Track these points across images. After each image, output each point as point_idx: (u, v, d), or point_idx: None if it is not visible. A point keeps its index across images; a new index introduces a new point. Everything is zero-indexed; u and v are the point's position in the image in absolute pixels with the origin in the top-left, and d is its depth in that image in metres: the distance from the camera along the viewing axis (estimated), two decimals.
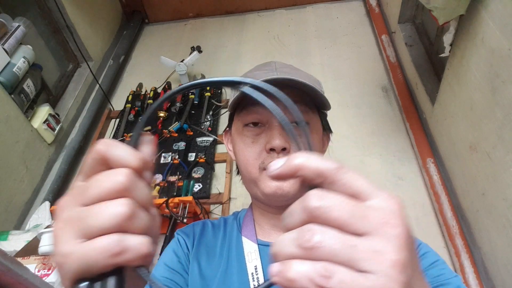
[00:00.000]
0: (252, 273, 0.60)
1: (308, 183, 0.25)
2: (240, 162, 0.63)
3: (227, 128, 0.71)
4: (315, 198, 0.23)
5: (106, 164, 0.27)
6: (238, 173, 0.73)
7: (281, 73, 0.60)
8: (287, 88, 0.61)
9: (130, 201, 0.26)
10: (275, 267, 0.23)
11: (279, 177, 0.26)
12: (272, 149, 0.58)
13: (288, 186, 0.57)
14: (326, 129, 0.70)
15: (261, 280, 0.59)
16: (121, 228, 0.25)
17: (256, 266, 0.60)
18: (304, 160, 0.25)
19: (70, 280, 0.26)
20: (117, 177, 0.26)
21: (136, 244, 0.25)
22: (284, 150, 0.58)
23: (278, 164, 0.26)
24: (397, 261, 0.22)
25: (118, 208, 0.25)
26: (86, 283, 0.26)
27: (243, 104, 0.62)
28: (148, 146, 0.29)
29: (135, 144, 0.29)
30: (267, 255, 0.62)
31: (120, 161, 0.27)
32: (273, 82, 0.57)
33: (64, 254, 0.25)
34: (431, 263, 0.55)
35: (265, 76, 0.58)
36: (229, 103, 0.64)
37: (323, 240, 0.22)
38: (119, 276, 0.27)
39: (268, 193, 0.58)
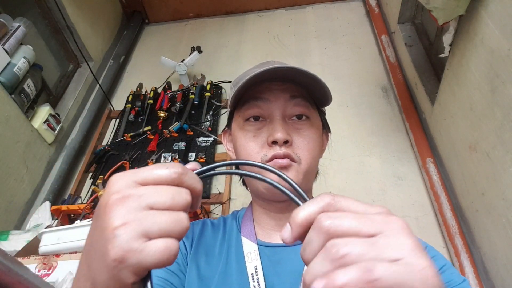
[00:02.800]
0: (252, 274, 0.59)
1: None
2: (241, 157, 0.63)
3: (226, 128, 0.71)
4: (324, 218, 0.27)
5: (174, 184, 0.31)
6: None
7: (279, 64, 0.59)
8: (288, 83, 0.62)
9: (187, 216, 0.31)
10: (319, 284, 0.25)
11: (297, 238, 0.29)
12: (274, 142, 0.58)
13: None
14: (325, 127, 0.70)
15: (261, 281, 0.59)
16: (179, 236, 0.30)
17: (256, 266, 0.60)
18: (304, 214, 0.28)
19: (129, 273, 0.28)
20: (187, 196, 0.31)
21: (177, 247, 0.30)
22: (286, 143, 0.57)
23: (287, 231, 0.30)
24: (414, 244, 0.26)
25: (186, 222, 0.30)
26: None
27: (244, 99, 0.62)
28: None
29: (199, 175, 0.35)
30: (267, 255, 0.62)
31: (190, 187, 0.32)
32: (275, 71, 0.57)
33: (133, 250, 0.28)
34: (439, 267, 0.54)
35: (263, 68, 0.58)
36: (229, 101, 0.64)
37: (349, 248, 0.25)
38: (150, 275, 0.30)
39: (269, 186, 0.57)
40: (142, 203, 0.29)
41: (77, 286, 0.34)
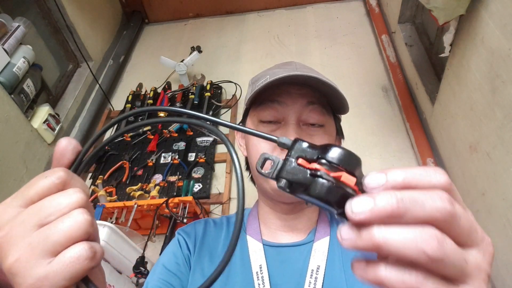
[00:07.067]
0: (256, 272, 0.59)
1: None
2: (252, 157, 0.63)
3: (240, 123, 0.71)
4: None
5: (61, 189, 0.29)
6: (247, 168, 0.73)
7: (302, 72, 0.60)
8: (307, 88, 0.62)
9: (83, 210, 0.28)
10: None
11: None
12: None
13: None
14: (339, 134, 0.70)
15: (266, 280, 0.58)
16: (88, 235, 0.27)
17: (261, 265, 0.60)
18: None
19: None
20: (77, 194, 0.28)
21: (99, 247, 0.28)
22: None
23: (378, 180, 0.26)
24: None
25: (84, 216, 0.27)
26: None
27: (261, 99, 0.62)
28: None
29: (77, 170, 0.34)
30: (272, 255, 0.62)
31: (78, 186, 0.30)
32: (293, 77, 0.57)
33: (41, 278, 0.25)
34: None
35: (286, 74, 0.59)
36: (246, 98, 0.65)
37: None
38: (88, 280, 0.28)
39: (276, 188, 0.57)
40: (28, 226, 0.27)
41: None
